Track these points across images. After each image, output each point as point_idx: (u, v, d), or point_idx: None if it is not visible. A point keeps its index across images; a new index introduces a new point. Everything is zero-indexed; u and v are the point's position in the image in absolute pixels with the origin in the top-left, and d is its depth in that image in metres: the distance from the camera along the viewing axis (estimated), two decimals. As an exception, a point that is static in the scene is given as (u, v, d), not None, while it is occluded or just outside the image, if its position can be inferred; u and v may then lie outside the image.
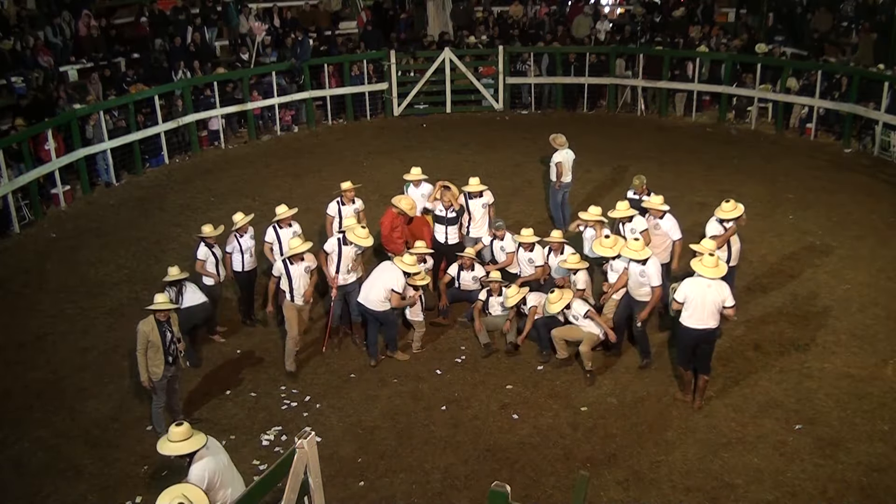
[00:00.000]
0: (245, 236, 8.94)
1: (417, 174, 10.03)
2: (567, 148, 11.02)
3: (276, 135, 16.27)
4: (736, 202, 8.62)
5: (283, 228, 8.99)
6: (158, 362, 7.16)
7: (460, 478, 6.91)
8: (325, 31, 17.90)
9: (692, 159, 14.38)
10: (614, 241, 8.40)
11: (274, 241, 9.02)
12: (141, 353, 7.12)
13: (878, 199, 12.38)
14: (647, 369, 8.31)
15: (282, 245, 8.90)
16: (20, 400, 8.11)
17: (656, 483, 6.80)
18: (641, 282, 8.05)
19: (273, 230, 9.03)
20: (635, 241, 8.12)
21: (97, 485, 6.94)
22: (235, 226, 8.88)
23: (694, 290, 7.33)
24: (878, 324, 8.99)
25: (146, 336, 7.08)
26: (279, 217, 8.98)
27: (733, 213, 8.55)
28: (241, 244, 8.90)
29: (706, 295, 7.29)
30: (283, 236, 8.93)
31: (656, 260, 8.22)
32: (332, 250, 8.55)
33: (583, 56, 17.16)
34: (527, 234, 9.03)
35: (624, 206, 8.92)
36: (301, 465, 4.55)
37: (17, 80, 13.69)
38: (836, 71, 14.96)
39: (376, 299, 8.30)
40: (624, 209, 8.89)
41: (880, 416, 7.51)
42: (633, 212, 8.88)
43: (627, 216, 8.87)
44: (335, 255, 8.52)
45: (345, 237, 8.51)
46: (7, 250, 11.53)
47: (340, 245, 8.51)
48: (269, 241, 9.06)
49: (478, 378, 8.30)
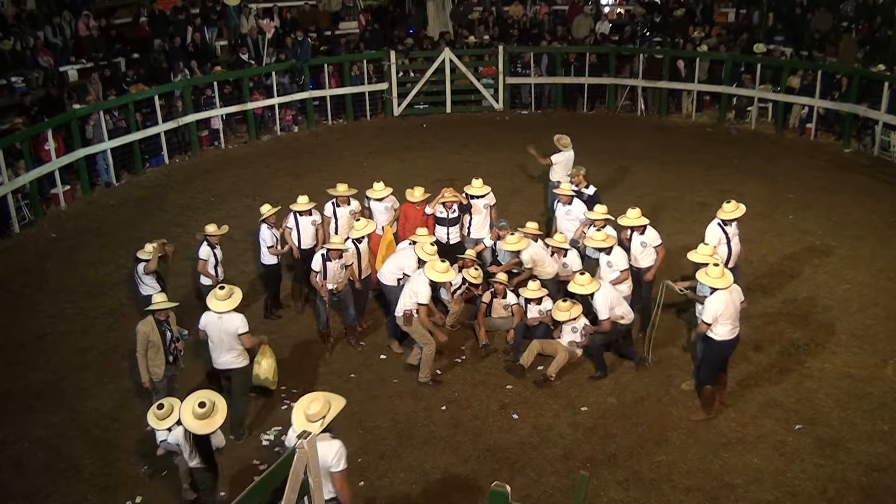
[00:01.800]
0: (273, 229, 9.21)
1: (381, 190, 9.73)
2: (570, 150, 11.03)
3: (276, 135, 16.27)
4: (737, 202, 8.59)
5: (303, 216, 9.33)
6: (159, 362, 7.17)
7: (460, 478, 6.91)
8: (325, 31, 17.91)
9: (692, 159, 14.38)
10: (603, 235, 8.52)
11: (294, 227, 9.37)
12: (141, 353, 7.12)
13: (878, 199, 12.38)
14: (648, 370, 8.30)
15: (300, 233, 9.31)
16: (20, 400, 8.11)
17: (656, 483, 6.80)
18: (610, 271, 8.35)
19: (293, 217, 9.34)
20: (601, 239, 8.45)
21: (97, 485, 6.94)
22: (263, 216, 9.19)
23: (722, 303, 7.16)
24: (878, 324, 8.99)
25: (146, 336, 7.08)
26: (298, 208, 9.31)
27: (735, 213, 8.50)
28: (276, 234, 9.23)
29: (734, 302, 7.24)
30: (303, 224, 9.34)
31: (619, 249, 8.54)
32: (318, 268, 8.54)
33: (583, 56, 17.18)
34: (531, 227, 9.05)
35: (635, 213, 8.68)
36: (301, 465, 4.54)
37: (17, 80, 13.71)
38: (836, 71, 14.97)
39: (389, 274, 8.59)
40: (635, 217, 8.66)
41: (880, 416, 7.51)
42: (644, 221, 8.65)
43: (640, 225, 8.65)
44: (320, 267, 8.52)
45: (328, 253, 8.45)
46: (7, 250, 11.53)
47: (325, 261, 8.49)
48: (290, 227, 9.37)
49: (478, 378, 8.30)
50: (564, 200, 9.47)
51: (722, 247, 8.44)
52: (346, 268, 8.64)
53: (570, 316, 8.17)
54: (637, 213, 8.67)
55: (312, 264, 8.59)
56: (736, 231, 8.63)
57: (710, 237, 8.47)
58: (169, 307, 7.27)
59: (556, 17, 18.73)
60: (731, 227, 8.56)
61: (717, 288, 7.16)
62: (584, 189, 9.91)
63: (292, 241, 9.36)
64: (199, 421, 5.73)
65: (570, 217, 9.41)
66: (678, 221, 11.58)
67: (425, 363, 8.10)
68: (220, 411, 5.80)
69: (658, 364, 8.39)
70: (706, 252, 7.87)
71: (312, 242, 9.38)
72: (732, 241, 8.57)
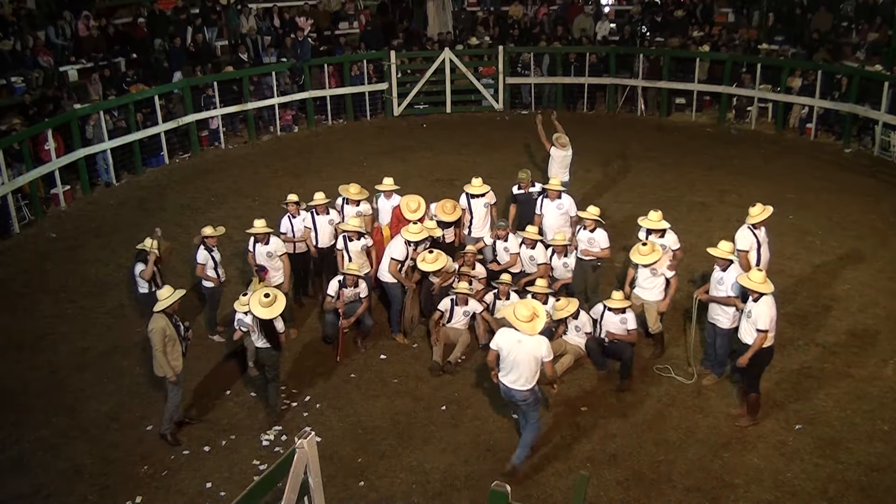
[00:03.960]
0: (297, 218, 9.35)
1: (390, 185, 9.77)
2: (569, 149, 11.02)
3: (276, 135, 16.28)
4: (763, 205, 8.45)
5: (321, 215, 9.39)
6: (177, 354, 7.28)
7: (460, 478, 6.91)
8: (325, 31, 17.92)
9: (692, 159, 14.38)
10: (651, 247, 8.20)
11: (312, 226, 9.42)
12: (160, 350, 7.10)
13: (878, 199, 12.38)
14: (648, 370, 8.30)
15: (317, 232, 9.37)
16: (20, 400, 8.11)
17: (656, 483, 6.80)
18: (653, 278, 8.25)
19: (311, 215, 9.39)
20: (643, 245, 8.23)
21: (97, 485, 6.94)
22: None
23: (773, 307, 7.10)
24: (878, 324, 8.99)
25: (163, 332, 7.09)
26: (315, 203, 9.38)
27: (762, 215, 8.33)
28: (294, 224, 9.36)
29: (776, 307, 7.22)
30: (320, 222, 9.39)
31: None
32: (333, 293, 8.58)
33: (583, 56, 17.18)
34: (531, 230, 9.05)
35: (657, 216, 8.58)
36: (301, 465, 4.54)
37: (17, 80, 13.71)
38: (836, 71, 14.97)
39: (384, 269, 8.77)
40: (656, 219, 8.56)
41: (880, 416, 7.51)
42: (665, 224, 8.53)
43: (660, 229, 8.55)
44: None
45: (345, 279, 8.50)
46: (7, 250, 11.53)
47: (341, 287, 8.53)
48: (308, 226, 9.40)
49: (478, 378, 8.29)
50: (553, 196, 9.46)
51: (752, 252, 8.26)
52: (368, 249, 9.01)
53: (568, 313, 8.17)
54: (658, 215, 8.53)
55: (328, 289, 8.63)
56: (766, 237, 8.48)
57: (742, 242, 8.23)
58: (177, 298, 7.27)
59: (556, 18, 18.73)
60: (761, 231, 8.38)
61: (763, 293, 7.08)
62: (531, 189, 9.92)
63: (310, 240, 9.36)
64: (264, 308, 7.22)
65: (561, 212, 9.42)
66: (678, 221, 11.48)
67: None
68: (279, 301, 7.32)
69: (658, 364, 8.39)
70: (727, 248, 7.78)
71: (330, 241, 9.37)
72: (763, 247, 8.44)
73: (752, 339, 7.10)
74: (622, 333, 8.08)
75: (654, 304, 8.36)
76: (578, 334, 8.34)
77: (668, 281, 8.37)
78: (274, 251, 8.81)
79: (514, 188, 10.05)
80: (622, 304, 8.04)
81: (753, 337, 7.10)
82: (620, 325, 8.08)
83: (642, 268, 8.27)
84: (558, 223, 9.40)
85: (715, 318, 7.90)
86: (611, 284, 9.25)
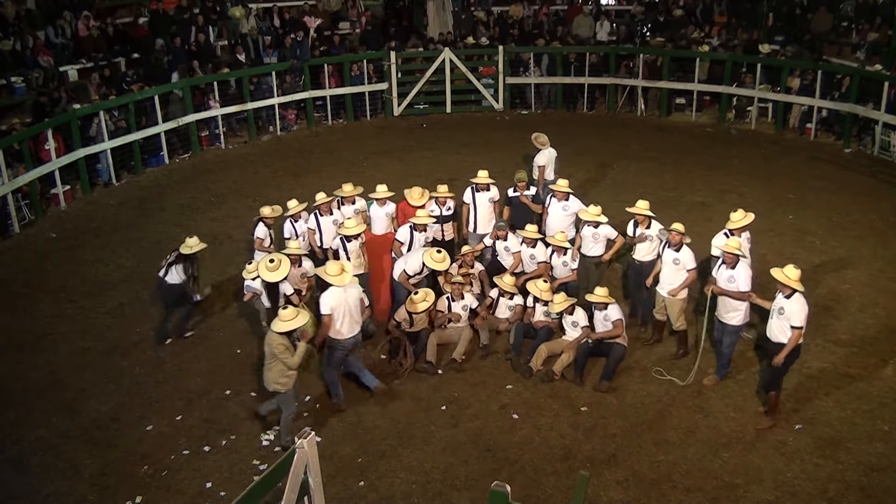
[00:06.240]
0: (300, 221, 9.35)
1: (384, 192, 9.61)
2: (549, 147, 11.05)
3: (276, 135, 16.28)
4: (745, 211, 8.41)
5: (324, 216, 9.31)
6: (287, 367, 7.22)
7: (460, 478, 6.91)
8: (325, 31, 17.91)
9: (692, 159, 14.38)
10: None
11: (316, 227, 9.37)
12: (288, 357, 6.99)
13: (878, 199, 12.39)
14: (648, 371, 8.30)
15: (322, 233, 9.32)
16: (20, 400, 8.11)
17: (656, 483, 6.80)
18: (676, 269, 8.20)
19: (314, 216, 9.33)
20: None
21: (97, 485, 6.94)
22: (290, 212, 9.35)
23: (806, 304, 7.04)
24: (878, 324, 8.99)
25: (283, 340, 6.97)
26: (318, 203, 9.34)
27: (743, 221, 8.29)
28: (297, 228, 9.37)
29: None
30: (324, 223, 9.34)
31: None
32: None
33: (583, 56, 17.18)
34: (531, 229, 9.06)
35: (644, 204, 8.68)
36: (301, 465, 4.54)
37: (17, 80, 13.71)
38: (836, 71, 14.97)
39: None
40: (644, 208, 8.66)
41: (880, 416, 7.51)
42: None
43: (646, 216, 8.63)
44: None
45: None
46: (7, 250, 11.53)
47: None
48: (311, 227, 9.34)
49: (478, 378, 8.30)
50: (560, 197, 9.46)
51: None
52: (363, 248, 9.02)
53: (564, 307, 8.21)
54: (681, 227, 8.23)
55: None
56: (748, 244, 8.38)
57: (715, 249, 8.21)
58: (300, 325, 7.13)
59: (556, 18, 18.73)
60: (742, 237, 8.21)
61: (797, 290, 7.03)
62: (525, 192, 9.90)
63: (314, 241, 9.32)
64: (270, 273, 7.90)
65: (567, 213, 9.43)
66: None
67: None
68: (283, 266, 7.96)
69: (658, 364, 8.39)
70: (734, 245, 7.72)
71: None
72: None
73: (787, 338, 7.09)
74: (607, 329, 8.15)
75: (676, 302, 8.29)
76: (575, 329, 8.38)
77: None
78: (307, 271, 8.68)
79: (509, 190, 10.02)
80: (604, 299, 8.12)
81: (787, 335, 7.09)
82: (604, 321, 8.16)
83: (668, 256, 8.18)
84: (563, 224, 9.38)
85: (725, 315, 7.83)
86: (613, 284, 9.26)
